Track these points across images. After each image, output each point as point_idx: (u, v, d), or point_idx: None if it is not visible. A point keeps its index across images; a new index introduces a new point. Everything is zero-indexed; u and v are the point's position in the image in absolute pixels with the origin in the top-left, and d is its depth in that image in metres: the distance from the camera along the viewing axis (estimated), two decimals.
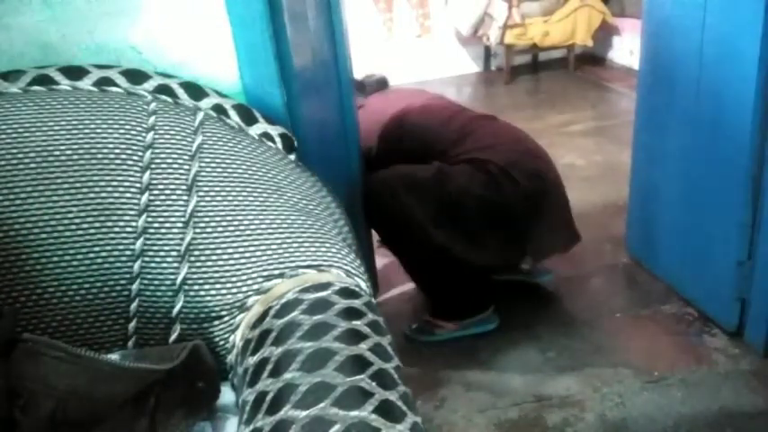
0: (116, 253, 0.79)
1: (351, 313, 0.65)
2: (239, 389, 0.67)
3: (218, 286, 0.77)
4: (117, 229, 0.79)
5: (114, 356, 0.73)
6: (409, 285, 1.84)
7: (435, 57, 4.44)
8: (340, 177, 1.51)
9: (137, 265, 0.79)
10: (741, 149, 1.38)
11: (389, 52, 4.34)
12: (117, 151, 0.81)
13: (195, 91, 0.92)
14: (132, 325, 0.80)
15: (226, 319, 0.77)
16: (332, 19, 1.44)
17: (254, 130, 0.93)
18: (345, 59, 1.53)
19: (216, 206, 0.80)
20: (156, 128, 0.84)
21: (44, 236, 0.77)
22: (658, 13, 1.64)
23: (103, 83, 0.89)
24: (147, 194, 0.80)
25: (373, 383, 0.55)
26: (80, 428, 0.66)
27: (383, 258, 1.89)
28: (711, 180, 1.51)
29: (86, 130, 0.81)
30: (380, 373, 0.57)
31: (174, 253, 0.79)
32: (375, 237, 1.74)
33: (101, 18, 0.95)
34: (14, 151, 0.78)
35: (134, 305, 0.79)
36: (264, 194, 0.82)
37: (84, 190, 0.79)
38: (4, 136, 0.79)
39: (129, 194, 0.80)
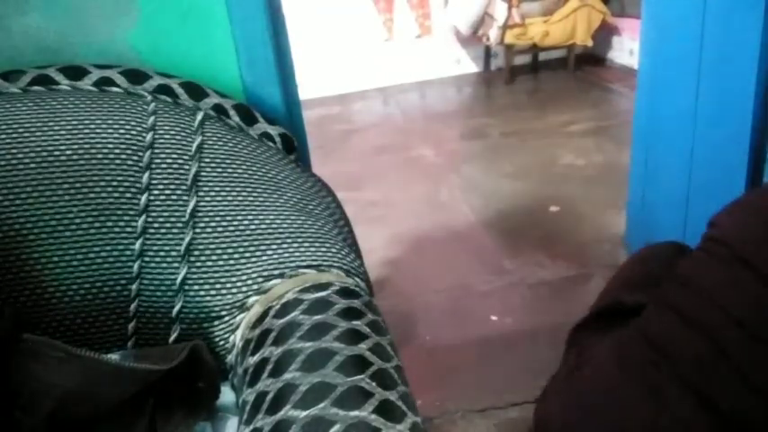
0: (116, 253, 0.79)
1: (351, 313, 0.65)
2: (239, 389, 0.67)
3: (218, 286, 0.77)
4: (117, 230, 0.79)
5: (114, 356, 0.73)
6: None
7: (435, 57, 4.43)
8: None
9: (137, 266, 0.79)
10: (741, 150, 1.38)
11: (389, 52, 4.34)
12: (117, 151, 0.81)
13: (195, 91, 0.92)
14: (132, 325, 0.80)
15: (226, 319, 0.77)
16: None
17: (254, 130, 0.93)
18: None
19: (216, 206, 0.80)
20: (156, 128, 0.84)
21: (44, 236, 0.77)
22: (658, 13, 1.64)
23: (103, 83, 0.89)
24: (146, 195, 0.80)
25: (373, 383, 0.55)
26: (80, 428, 0.65)
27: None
28: (711, 180, 1.51)
29: (86, 130, 0.81)
30: (380, 373, 0.57)
31: (173, 253, 0.79)
32: None
33: (101, 18, 0.95)
34: (14, 151, 0.78)
35: (134, 305, 0.79)
36: (264, 194, 0.82)
37: (85, 190, 0.79)
38: (4, 136, 0.79)
39: (128, 195, 0.80)
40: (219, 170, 0.83)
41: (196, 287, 0.78)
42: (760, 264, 0.76)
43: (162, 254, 0.79)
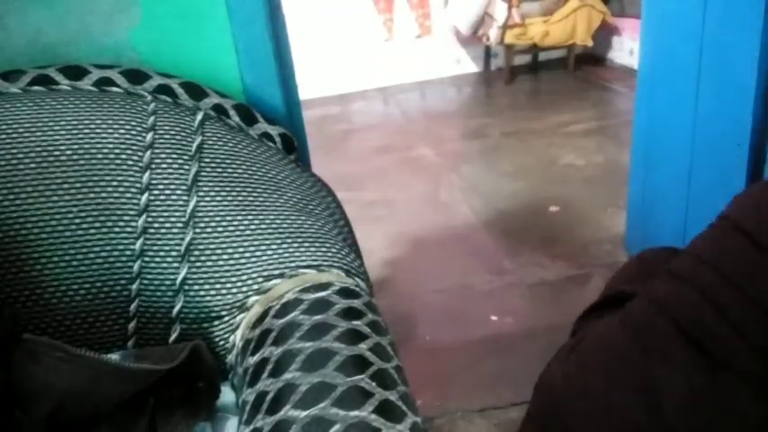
0: (116, 253, 0.79)
1: (351, 313, 0.65)
2: (239, 389, 0.67)
3: (218, 286, 0.77)
4: (117, 229, 0.79)
5: (114, 356, 0.73)
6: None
7: (435, 57, 4.44)
8: None
9: (137, 265, 0.79)
10: (741, 150, 1.38)
11: (389, 52, 4.34)
12: (117, 151, 0.81)
13: (195, 91, 0.92)
14: (132, 325, 0.80)
15: (226, 319, 0.77)
16: None
17: (254, 130, 0.93)
18: None
19: (216, 206, 0.80)
20: (156, 128, 0.84)
21: (44, 236, 0.77)
22: (658, 13, 1.64)
23: (103, 83, 0.89)
24: (147, 194, 0.80)
25: (373, 383, 0.55)
26: (80, 428, 0.66)
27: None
28: (711, 180, 1.51)
29: (86, 130, 0.81)
30: (380, 373, 0.57)
31: (174, 253, 0.79)
32: None
33: (101, 18, 0.95)
34: (14, 151, 0.78)
35: (134, 305, 0.79)
36: (264, 194, 0.82)
37: (84, 190, 0.79)
38: (4, 136, 0.79)
39: (129, 194, 0.80)
40: (219, 170, 0.83)
41: (196, 287, 0.78)
42: None
43: (162, 254, 0.79)
